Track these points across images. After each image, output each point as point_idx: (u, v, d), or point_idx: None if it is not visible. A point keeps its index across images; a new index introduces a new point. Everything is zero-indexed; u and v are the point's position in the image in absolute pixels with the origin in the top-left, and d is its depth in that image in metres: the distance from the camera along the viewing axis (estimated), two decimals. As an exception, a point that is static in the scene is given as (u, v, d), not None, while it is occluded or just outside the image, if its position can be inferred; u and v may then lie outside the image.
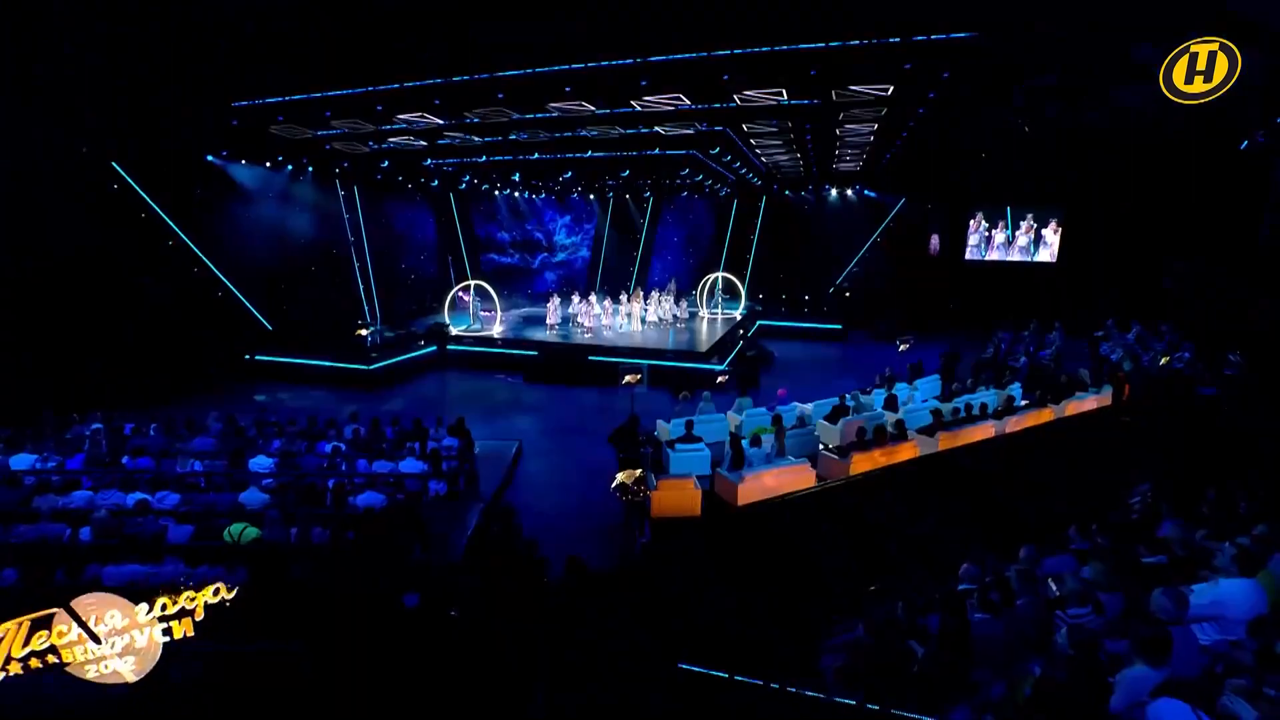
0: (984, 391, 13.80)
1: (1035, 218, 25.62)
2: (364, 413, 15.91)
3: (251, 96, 14.85)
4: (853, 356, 22.56)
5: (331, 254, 21.16)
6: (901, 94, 12.83)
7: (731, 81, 12.35)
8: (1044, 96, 16.89)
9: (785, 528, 8.49)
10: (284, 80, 14.16)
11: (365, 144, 17.96)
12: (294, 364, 18.05)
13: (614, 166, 20.31)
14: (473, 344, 20.44)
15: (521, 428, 14.91)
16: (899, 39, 10.61)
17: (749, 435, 11.88)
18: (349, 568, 6.97)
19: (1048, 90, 16.43)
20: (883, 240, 27.26)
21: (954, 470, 10.13)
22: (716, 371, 17.42)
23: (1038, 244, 25.80)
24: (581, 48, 12.06)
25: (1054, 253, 25.59)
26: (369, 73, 13.59)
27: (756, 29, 11.03)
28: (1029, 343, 19.54)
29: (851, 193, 26.86)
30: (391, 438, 10.86)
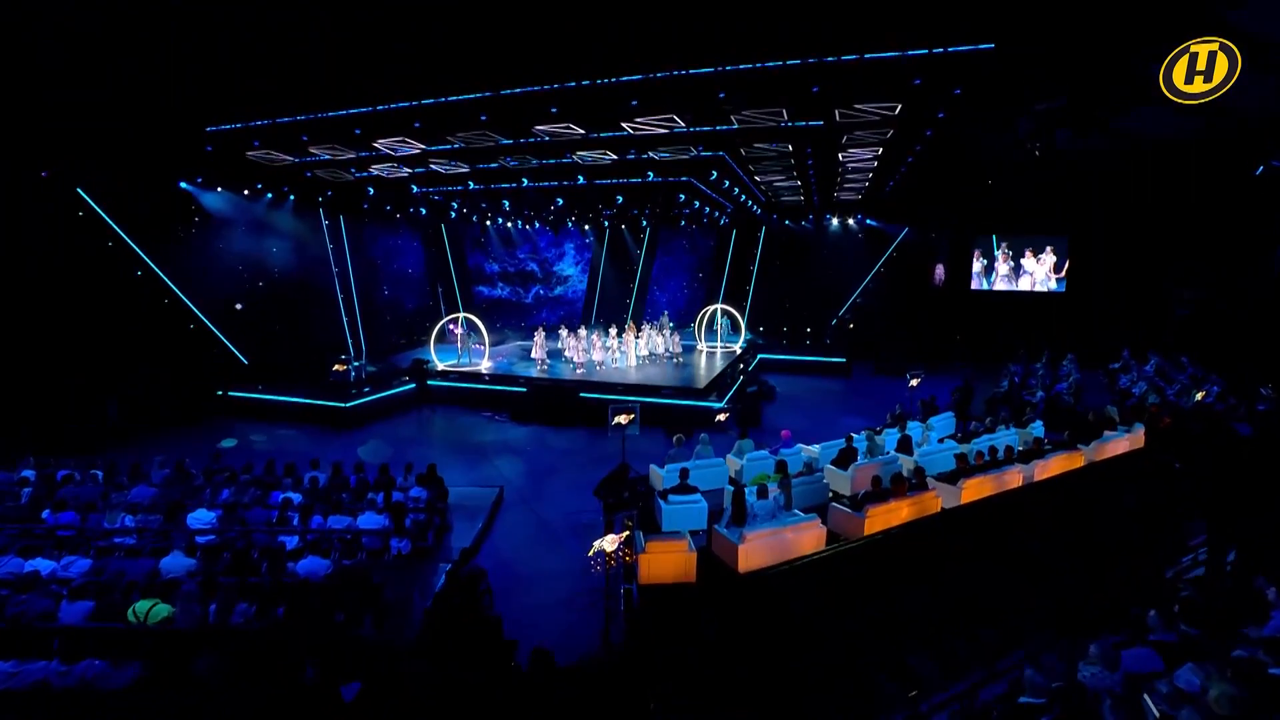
0: (1004, 431, 12.67)
1: (1042, 246, 24.79)
2: (338, 454, 14.84)
3: (225, 120, 14.09)
4: (858, 391, 21.47)
5: (313, 285, 20.23)
6: (910, 114, 11.98)
7: (728, 100, 11.50)
8: (1050, 122, 16.22)
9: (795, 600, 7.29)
10: (258, 103, 13.40)
11: (348, 171, 17.16)
12: (268, 401, 16.96)
13: (608, 194, 19.50)
14: (459, 380, 19.36)
15: (504, 472, 13.75)
16: (909, 52, 9.77)
17: (751, 482, 10.75)
18: (273, 654, 5.77)
19: (1054, 115, 15.77)
20: (885, 270, 26.38)
21: (983, 526, 8.96)
22: (715, 410, 16.31)
23: (1045, 273, 24.90)
24: (567, 65, 11.28)
25: (1062, 282, 24.68)
26: (345, 95, 12.82)
27: (754, 42, 10.21)
28: (1044, 376, 18.45)
29: (853, 222, 26.07)
30: (354, 487, 9.69)
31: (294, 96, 13.10)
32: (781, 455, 12.05)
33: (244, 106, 13.57)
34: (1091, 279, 23.66)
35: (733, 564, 7.89)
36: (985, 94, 11.17)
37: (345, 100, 13.03)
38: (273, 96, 13.15)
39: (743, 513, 8.37)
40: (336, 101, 13.08)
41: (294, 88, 12.70)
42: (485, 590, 8.10)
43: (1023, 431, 12.97)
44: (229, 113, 13.83)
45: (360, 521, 8.75)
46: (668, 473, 11.08)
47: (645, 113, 12.45)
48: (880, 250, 26.17)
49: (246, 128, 14.06)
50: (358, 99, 12.93)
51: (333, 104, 13.15)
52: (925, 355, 24.10)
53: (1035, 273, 25.15)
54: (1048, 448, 10.74)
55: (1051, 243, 24.65)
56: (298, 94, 12.98)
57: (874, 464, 11.05)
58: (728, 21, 9.73)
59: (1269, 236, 20.58)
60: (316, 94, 12.92)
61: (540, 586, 9.16)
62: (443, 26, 10.54)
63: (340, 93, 12.85)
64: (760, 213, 25.92)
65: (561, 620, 8.31)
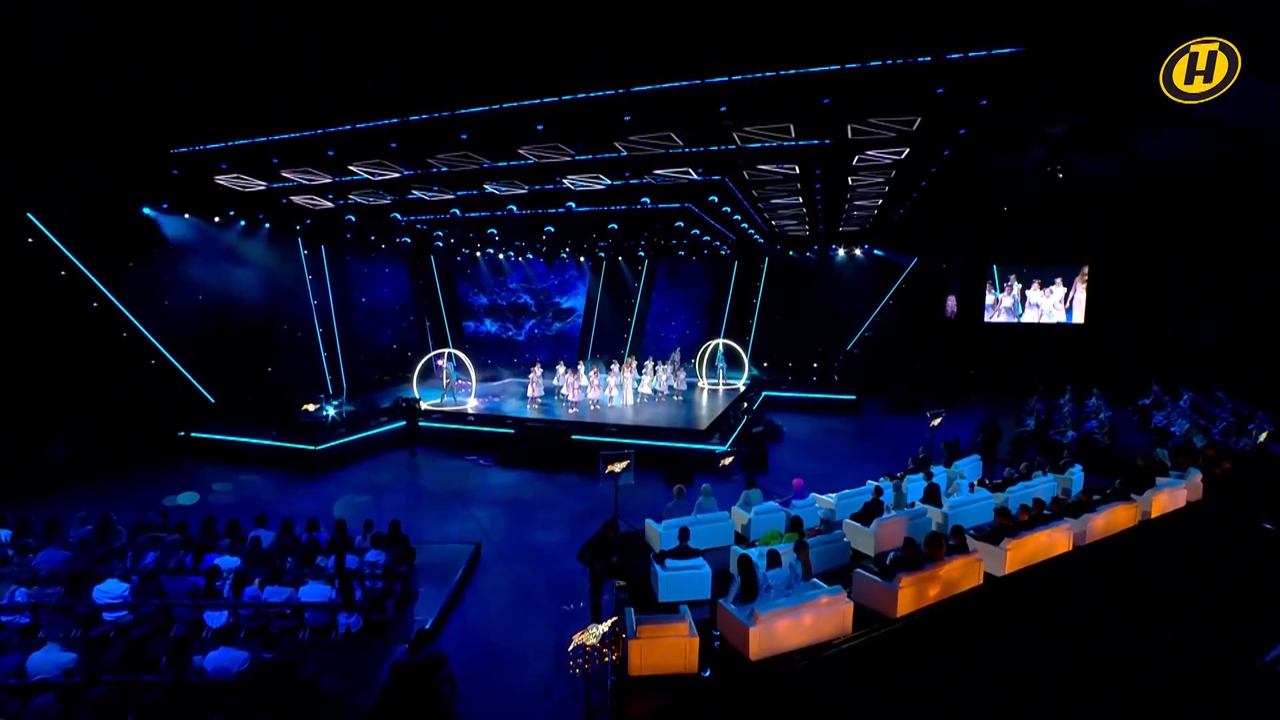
0: (1041, 477, 11.42)
1: (1050, 278, 23.84)
2: (304, 503, 13.59)
3: (191, 142, 13.17)
4: (870, 431, 20.20)
5: (289, 318, 19.17)
6: (929, 130, 11.01)
7: (731, 115, 10.57)
8: (1068, 144, 15.38)
9: (820, 695, 5.96)
10: (226, 123, 12.49)
11: (325, 197, 16.22)
12: (234, 443, 15.72)
13: (601, 222, 18.52)
14: (443, 420, 18.12)
15: (485, 524, 12.46)
16: (931, 58, 8.81)
17: (761, 540, 9.46)
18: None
19: (1072, 136, 14.94)
20: (894, 302, 25.34)
21: (1035, 597, 7.65)
22: (718, 454, 15.05)
23: (1062, 303, 23.86)
24: (553, 77, 10.36)
25: (1080, 312, 23.63)
26: (316, 114, 11.89)
27: (759, 49, 9.28)
28: (1071, 414, 17.22)
29: (860, 252, 25.14)
30: (303, 549, 8.38)
31: (263, 116, 12.20)
32: (794, 508, 10.80)
33: (210, 127, 12.65)
34: (1114, 310, 22.58)
35: (743, 649, 6.57)
36: (1011, 105, 10.20)
37: (316, 120, 12.11)
38: (241, 116, 12.25)
39: (753, 585, 7.08)
40: (307, 121, 12.16)
41: (263, 106, 11.82)
42: (445, 679, 6.78)
43: (1061, 477, 11.72)
44: (195, 133, 12.91)
45: (303, 593, 7.45)
46: (665, 530, 9.81)
47: (640, 129, 11.53)
48: (889, 281, 25.19)
49: (213, 149, 13.14)
50: (329, 118, 12.01)
51: (303, 123, 12.24)
52: (939, 391, 23.05)
53: (1042, 304, 24.18)
54: (1097, 499, 9.44)
55: (1061, 273, 23.75)
56: (267, 113, 12.09)
57: (899, 518, 9.79)
58: (729, 25, 8.80)
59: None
60: (286, 113, 12.02)
61: (514, 669, 7.81)
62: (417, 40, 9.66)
63: (311, 112, 11.94)
64: (763, 243, 25.04)
65: (537, 716, 6.96)
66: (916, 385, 22.69)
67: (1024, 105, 10.30)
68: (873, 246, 24.95)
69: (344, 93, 11.23)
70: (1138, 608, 7.50)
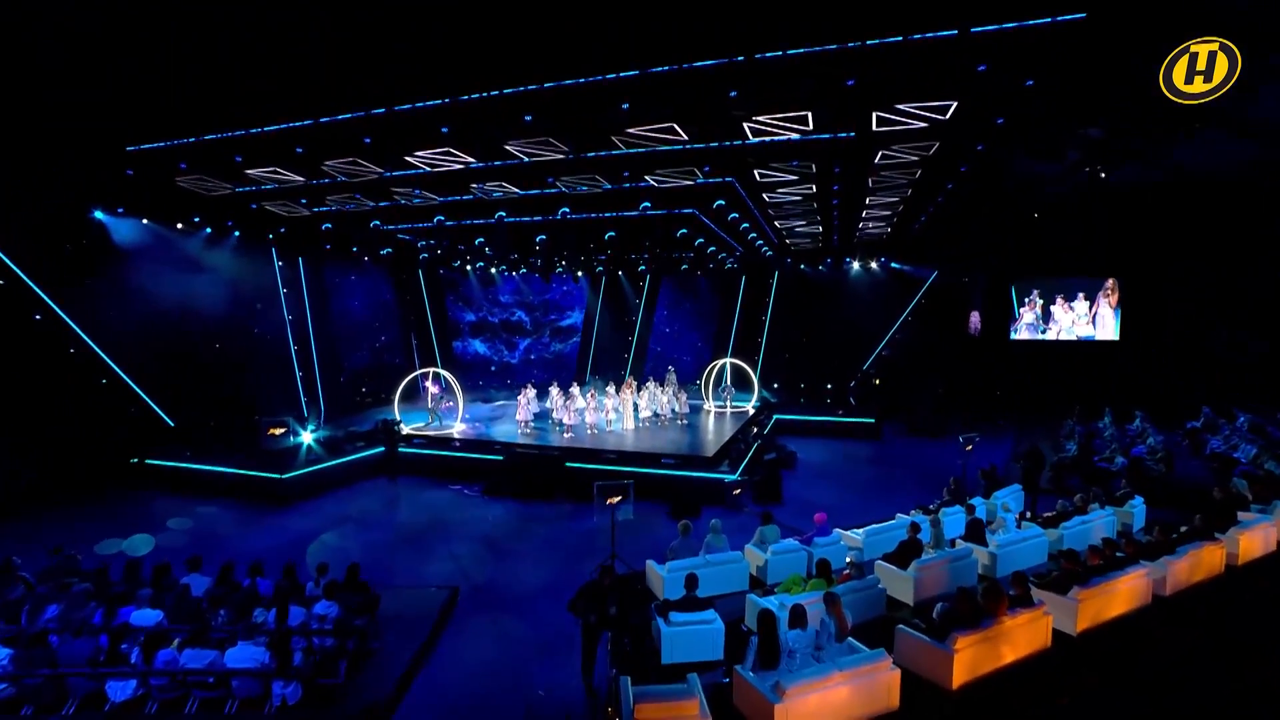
0: (1098, 510, 10.30)
1: (1080, 290, 22.85)
2: (266, 538, 12.49)
3: (147, 139, 12.31)
4: (892, 457, 19.06)
5: (261, 335, 18.16)
6: (964, 118, 10.06)
7: (742, 101, 9.64)
8: (1104, 148, 14.52)
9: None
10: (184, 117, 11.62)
11: (298, 202, 15.32)
12: (192, 471, 14.64)
13: (598, 231, 17.59)
14: (426, 446, 17.05)
15: (466, 564, 11.33)
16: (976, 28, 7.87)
17: (782, 588, 8.34)
18: None
19: (1108, 140, 14.09)
20: (914, 319, 24.32)
21: (1116, 668, 6.48)
22: (728, 483, 13.93)
23: (1096, 319, 22.85)
24: (541, 59, 9.47)
25: (1106, 327, 22.61)
26: (281, 106, 11.02)
27: (775, 22, 8.38)
28: (1115, 437, 16.08)
29: (877, 265, 24.18)
30: (239, 601, 7.26)
31: (223, 109, 11.33)
32: (816, 547, 9.69)
33: (167, 121, 11.78)
34: (1152, 326, 21.52)
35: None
36: (1060, 88, 9.25)
37: (281, 113, 11.23)
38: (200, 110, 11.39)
39: (775, 648, 5.95)
40: (271, 114, 11.28)
41: (223, 98, 10.96)
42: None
43: (1120, 510, 10.59)
44: (151, 129, 12.05)
45: (230, 657, 6.32)
46: (670, 574, 8.70)
47: (640, 120, 10.62)
48: (907, 296, 24.21)
49: (170, 147, 12.26)
50: (294, 111, 11.13)
51: (267, 117, 11.36)
52: (963, 413, 22.06)
53: (1062, 320, 23.20)
54: (1175, 538, 8.30)
55: (1084, 287, 22.84)
56: (227, 106, 11.22)
57: (941, 560, 8.68)
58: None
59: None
60: (248, 105, 11.15)
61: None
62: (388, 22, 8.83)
63: (275, 104, 11.06)
64: (772, 255, 24.13)
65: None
66: (940, 407, 21.58)
67: (1073, 88, 9.34)
68: (890, 259, 24.01)
69: (310, 82, 10.38)
70: (1238, 674, 6.35)
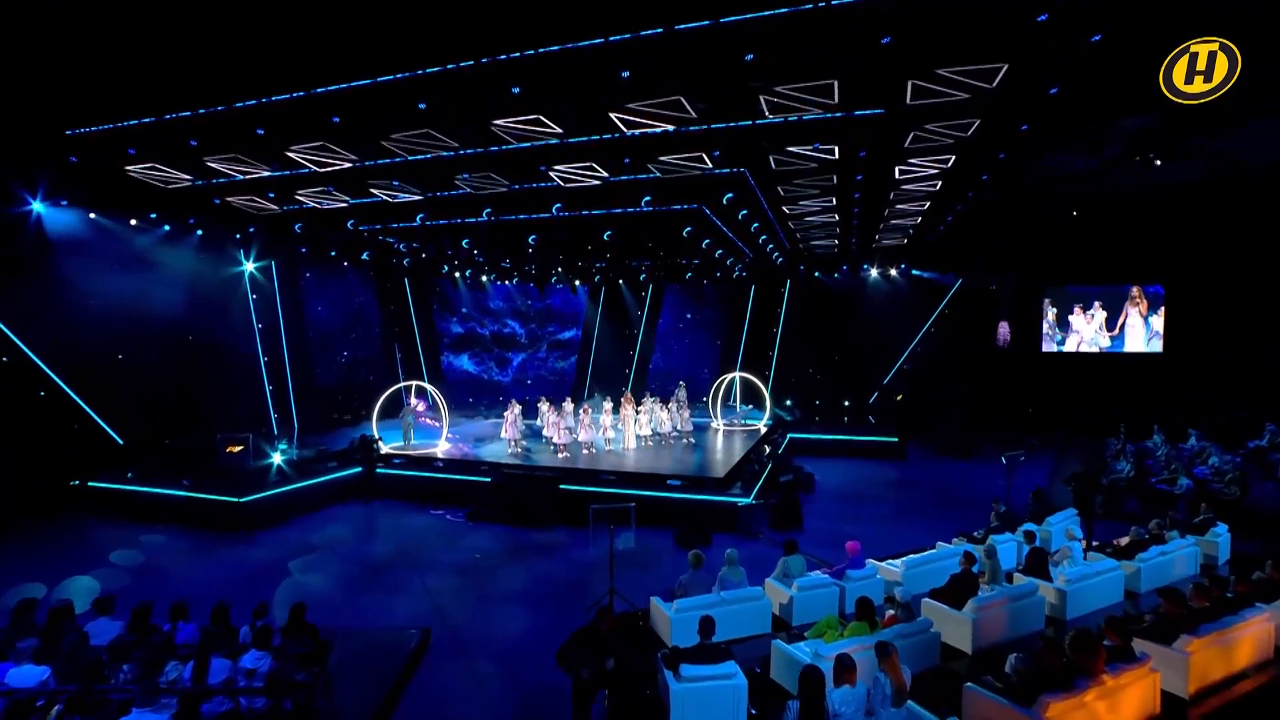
0: (1178, 540, 9.13)
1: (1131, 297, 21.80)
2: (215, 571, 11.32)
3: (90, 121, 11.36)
4: (919, 479, 17.90)
5: (228, 344, 17.09)
6: (1012, 87, 9.05)
7: (759, 67, 8.65)
8: (1143, 142, 13.62)
9: None
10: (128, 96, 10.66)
11: (265, 195, 14.35)
12: (141, 494, 13.50)
13: (595, 230, 16.58)
14: (406, 467, 15.91)
15: (443, 601, 10.15)
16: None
17: (813, 632, 7.17)
18: None
19: (1147, 135, 13.19)
20: (937, 330, 23.25)
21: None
22: (741, 507, 12.76)
23: (1125, 329, 21.80)
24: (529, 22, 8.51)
25: (1143, 338, 21.57)
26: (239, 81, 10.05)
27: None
28: (1170, 457, 14.91)
29: (896, 272, 23.22)
30: (145, 657, 6.06)
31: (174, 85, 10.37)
32: (849, 581, 8.54)
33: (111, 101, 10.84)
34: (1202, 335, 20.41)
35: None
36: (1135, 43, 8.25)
37: (239, 89, 10.28)
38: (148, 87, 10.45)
39: (820, 716, 4.77)
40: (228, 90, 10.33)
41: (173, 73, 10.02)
42: None
43: (1203, 539, 9.42)
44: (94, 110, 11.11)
45: (126, 727, 5.14)
46: (679, 615, 7.54)
47: (642, 93, 9.66)
48: (930, 306, 23.22)
49: (116, 129, 11.31)
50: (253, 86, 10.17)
51: (224, 94, 10.41)
52: (993, 431, 21.04)
53: (1084, 331, 22.22)
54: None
55: (1102, 296, 21.99)
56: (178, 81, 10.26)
57: (1001, 598, 7.52)
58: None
59: None
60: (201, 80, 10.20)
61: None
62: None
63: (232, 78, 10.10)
64: (784, 262, 23.15)
65: None
66: (969, 425, 20.43)
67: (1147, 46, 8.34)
68: (910, 265, 23.05)
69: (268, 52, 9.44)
70: None
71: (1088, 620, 7.79)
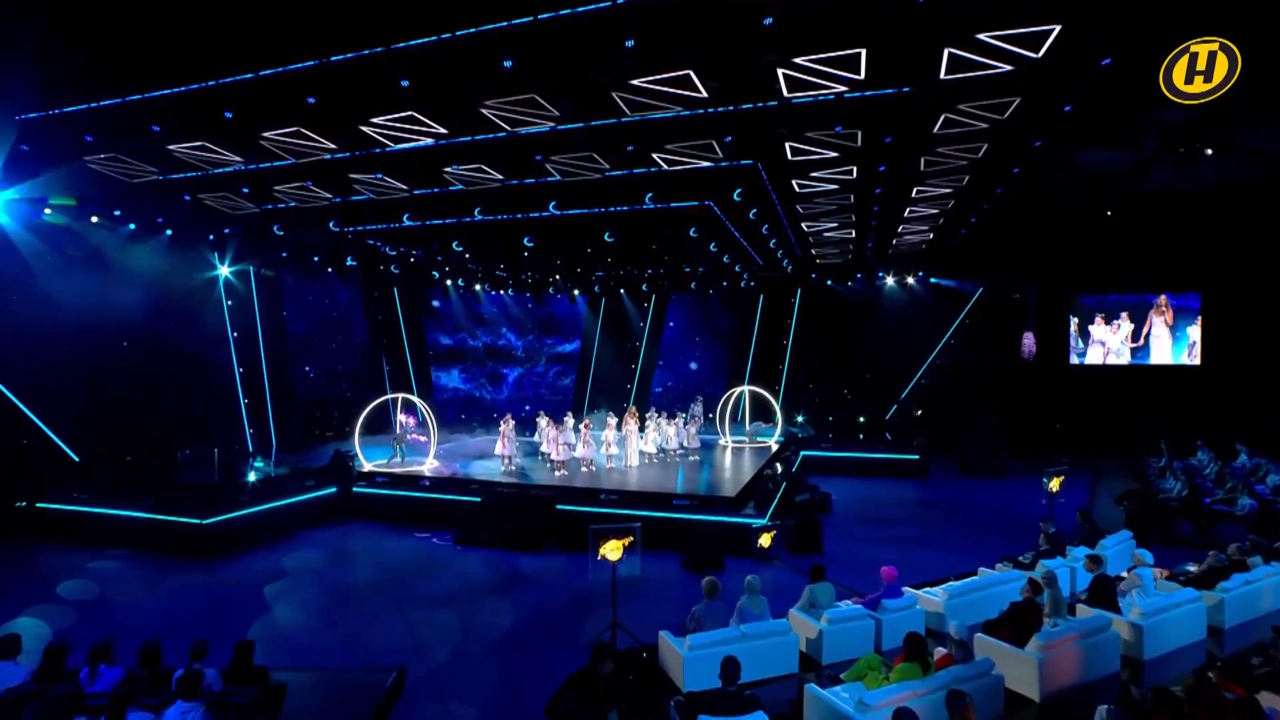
0: (1263, 566, 8.19)
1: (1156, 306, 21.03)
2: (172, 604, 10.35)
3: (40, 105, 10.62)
4: (945, 499, 16.98)
5: (200, 354, 16.25)
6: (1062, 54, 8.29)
7: (778, 33, 7.91)
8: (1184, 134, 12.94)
9: None
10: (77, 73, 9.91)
11: (239, 191, 13.60)
12: (94, 515, 12.56)
13: (594, 230, 15.79)
14: (390, 485, 15.01)
15: (423, 635, 9.21)
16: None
17: (851, 674, 6.26)
18: None
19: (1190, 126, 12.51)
20: (956, 341, 22.43)
21: None
22: (755, 529, 11.83)
23: (1150, 340, 21.01)
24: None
25: (1160, 350, 21.00)
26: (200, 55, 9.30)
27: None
28: (1225, 475, 14.00)
29: (914, 280, 22.47)
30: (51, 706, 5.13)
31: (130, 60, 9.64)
32: (885, 612, 7.60)
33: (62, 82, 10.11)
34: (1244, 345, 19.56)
35: None
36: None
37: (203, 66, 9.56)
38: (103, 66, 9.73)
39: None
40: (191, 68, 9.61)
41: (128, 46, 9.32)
42: None
43: (1285, 565, 8.47)
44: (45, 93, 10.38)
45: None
46: (692, 652, 6.61)
47: (648, 67, 8.93)
48: (949, 316, 22.51)
49: (70, 113, 10.57)
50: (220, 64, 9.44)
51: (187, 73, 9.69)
52: (1021, 449, 20.30)
53: (1109, 342, 21.46)
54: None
55: (1128, 306, 21.30)
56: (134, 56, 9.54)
57: (1070, 634, 6.57)
58: None
59: None
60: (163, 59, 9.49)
61: None
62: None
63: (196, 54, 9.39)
64: (794, 271, 22.38)
65: None
66: (996, 443, 19.53)
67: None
68: (928, 273, 22.34)
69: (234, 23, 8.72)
70: None
71: (1169, 661, 6.86)
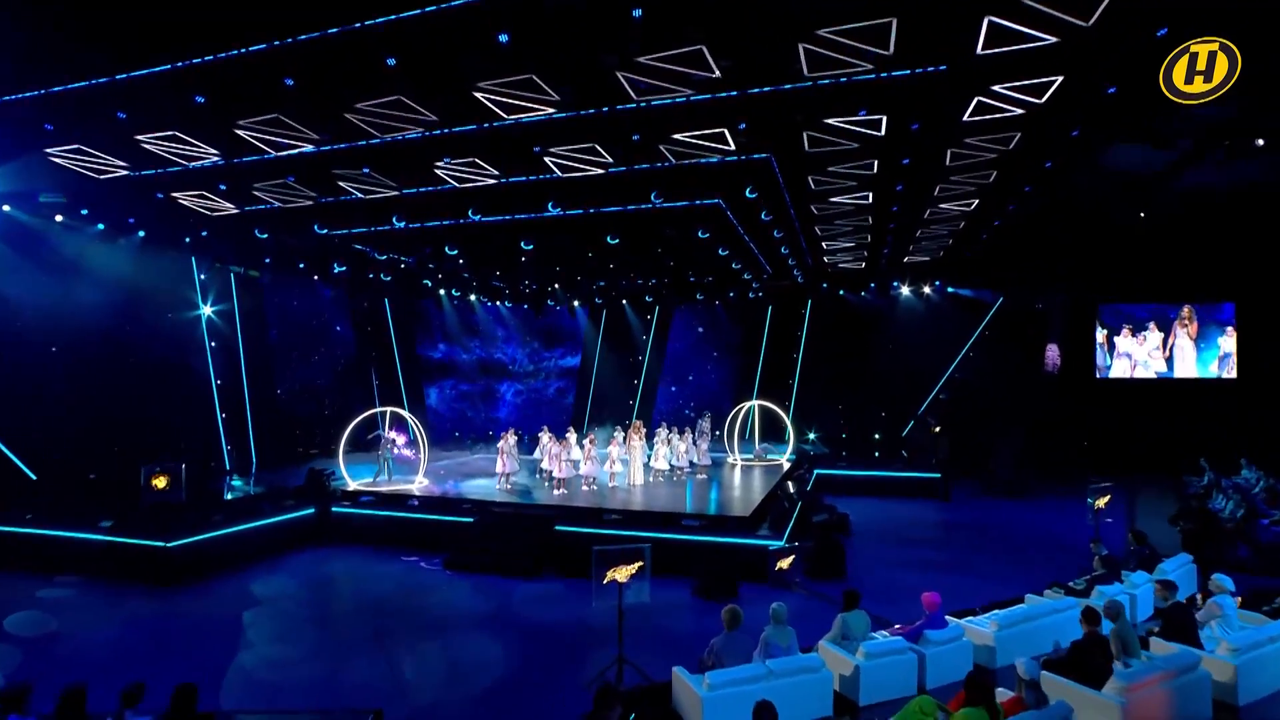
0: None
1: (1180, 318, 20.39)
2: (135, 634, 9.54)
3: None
4: (970, 521, 16.17)
5: (174, 365, 15.53)
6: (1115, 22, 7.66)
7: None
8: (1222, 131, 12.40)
9: None
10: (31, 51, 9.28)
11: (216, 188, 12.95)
12: (46, 538, 11.76)
13: (597, 231, 15.13)
14: (375, 505, 14.22)
15: (405, 672, 8.40)
16: None
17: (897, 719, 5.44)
18: None
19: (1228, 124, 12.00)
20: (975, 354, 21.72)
21: None
22: (773, 551, 11.02)
23: (1184, 352, 20.37)
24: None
25: (1193, 362, 20.34)
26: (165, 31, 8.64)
27: None
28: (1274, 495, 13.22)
29: (930, 289, 21.86)
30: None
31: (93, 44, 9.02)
32: (928, 645, 6.80)
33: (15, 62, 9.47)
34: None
35: None
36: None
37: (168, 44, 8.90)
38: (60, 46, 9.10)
39: None
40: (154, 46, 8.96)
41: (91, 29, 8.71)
42: None
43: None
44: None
45: None
46: (712, 694, 5.82)
47: (656, 43, 8.34)
48: (968, 327, 21.88)
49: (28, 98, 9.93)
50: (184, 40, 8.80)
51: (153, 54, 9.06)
52: (1047, 468, 19.53)
53: (1135, 354, 20.95)
54: None
55: (1155, 315, 20.75)
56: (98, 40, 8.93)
57: (1154, 675, 5.77)
58: None
59: None
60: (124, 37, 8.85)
61: None
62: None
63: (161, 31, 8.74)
64: (804, 280, 21.79)
65: None
66: (1022, 461, 18.76)
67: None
68: (945, 282, 21.73)
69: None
70: None
71: (1270, 707, 6.04)
